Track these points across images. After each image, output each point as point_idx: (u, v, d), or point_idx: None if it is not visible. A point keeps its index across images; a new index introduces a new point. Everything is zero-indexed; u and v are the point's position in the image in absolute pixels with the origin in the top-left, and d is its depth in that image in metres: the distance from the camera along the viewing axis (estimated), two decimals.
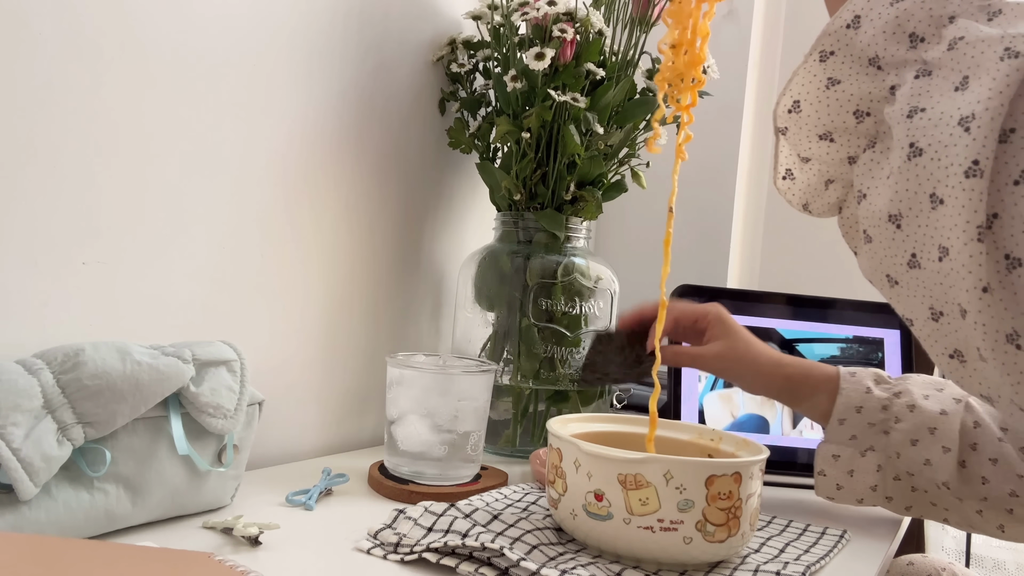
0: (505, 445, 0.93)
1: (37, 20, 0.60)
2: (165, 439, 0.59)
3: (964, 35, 0.39)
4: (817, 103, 0.45)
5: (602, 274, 0.95)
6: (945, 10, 0.41)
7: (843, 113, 0.45)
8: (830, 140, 0.46)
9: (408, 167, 0.97)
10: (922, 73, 0.40)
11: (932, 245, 0.38)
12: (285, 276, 0.82)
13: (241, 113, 0.76)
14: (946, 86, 0.39)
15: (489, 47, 0.97)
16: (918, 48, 0.41)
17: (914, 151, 0.39)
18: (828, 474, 0.74)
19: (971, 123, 0.36)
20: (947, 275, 0.38)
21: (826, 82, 0.45)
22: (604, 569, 0.57)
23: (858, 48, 0.43)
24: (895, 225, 0.40)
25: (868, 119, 0.44)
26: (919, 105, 0.39)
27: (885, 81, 0.43)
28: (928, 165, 0.38)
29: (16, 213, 0.60)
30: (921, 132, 0.38)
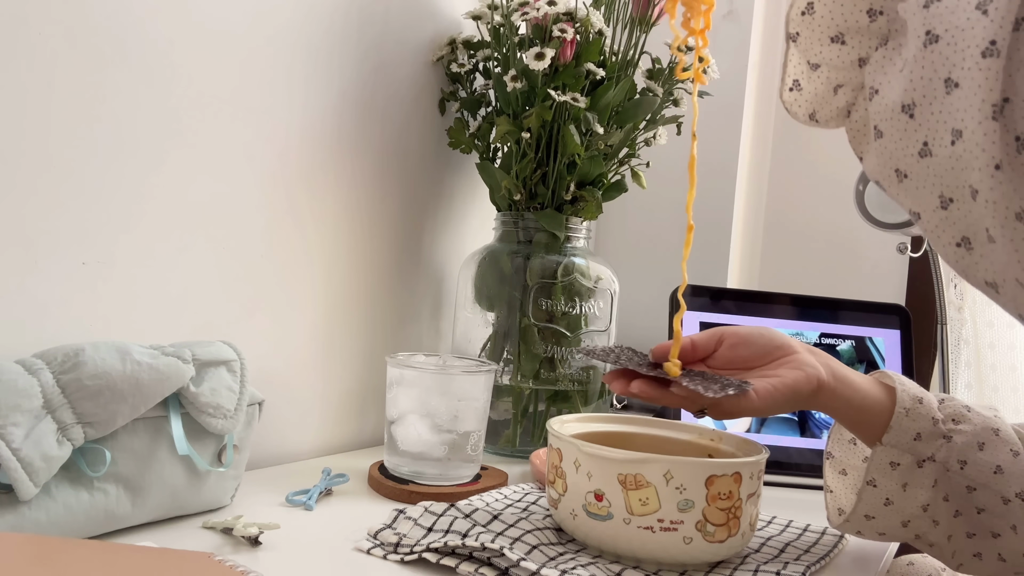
0: (505, 445, 0.93)
1: (37, 20, 0.60)
2: (165, 439, 0.59)
3: None
4: (831, 3, 0.46)
5: (602, 274, 0.95)
6: None
7: (856, 12, 0.45)
8: (841, 42, 0.46)
9: (408, 167, 0.97)
10: None
11: (945, 130, 0.38)
12: (285, 276, 0.82)
13: (241, 113, 0.76)
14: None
15: (489, 47, 0.97)
16: None
17: (930, 38, 0.39)
18: (880, 485, 0.63)
19: (988, 5, 0.36)
20: (959, 158, 0.38)
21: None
22: (604, 569, 0.57)
23: None
24: (908, 115, 0.40)
25: (881, 17, 0.44)
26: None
27: None
28: (944, 50, 0.38)
29: (16, 213, 0.60)
30: (937, 19, 0.39)
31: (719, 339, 0.66)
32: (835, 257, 1.40)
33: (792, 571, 0.59)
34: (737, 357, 0.65)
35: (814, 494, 0.87)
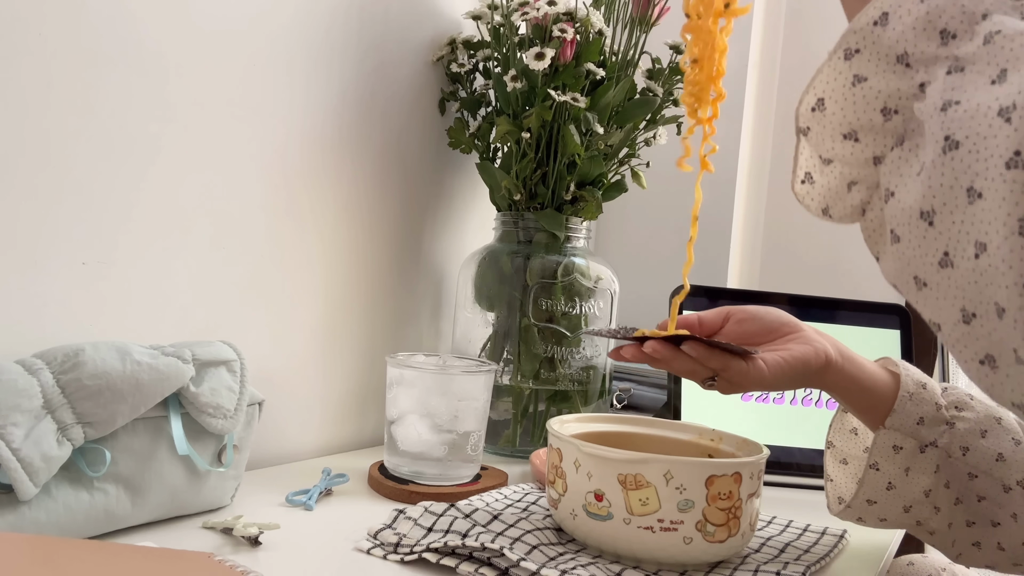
0: (505, 445, 0.93)
1: (37, 20, 0.60)
2: (165, 439, 0.59)
3: (1001, 29, 0.38)
4: (842, 100, 0.44)
5: (602, 274, 0.95)
6: (978, 7, 0.40)
7: (870, 111, 0.43)
8: (855, 139, 0.44)
9: (408, 167, 0.97)
10: (954, 69, 0.39)
11: (968, 242, 0.36)
12: (285, 276, 0.82)
13: (241, 113, 0.76)
14: (981, 80, 0.37)
15: (489, 47, 0.97)
16: (949, 45, 0.40)
17: (950, 144, 0.37)
18: (883, 468, 0.63)
19: (1012, 113, 0.34)
20: (983, 272, 0.36)
21: (852, 79, 0.43)
22: (604, 569, 0.57)
23: (886, 45, 0.42)
24: (927, 222, 0.38)
25: (896, 117, 0.43)
26: (953, 99, 0.38)
27: (914, 79, 0.41)
28: (965, 158, 0.36)
29: (16, 213, 0.60)
30: (957, 125, 0.37)
31: (726, 316, 0.67)
32: (835, 257, 1.40)
33: (792, 571, 0.59)
34: (745, 332, 0.66)
35: (814, 494, 0.87)
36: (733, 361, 0.60)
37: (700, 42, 0.59)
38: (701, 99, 0.60)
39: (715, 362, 0.60)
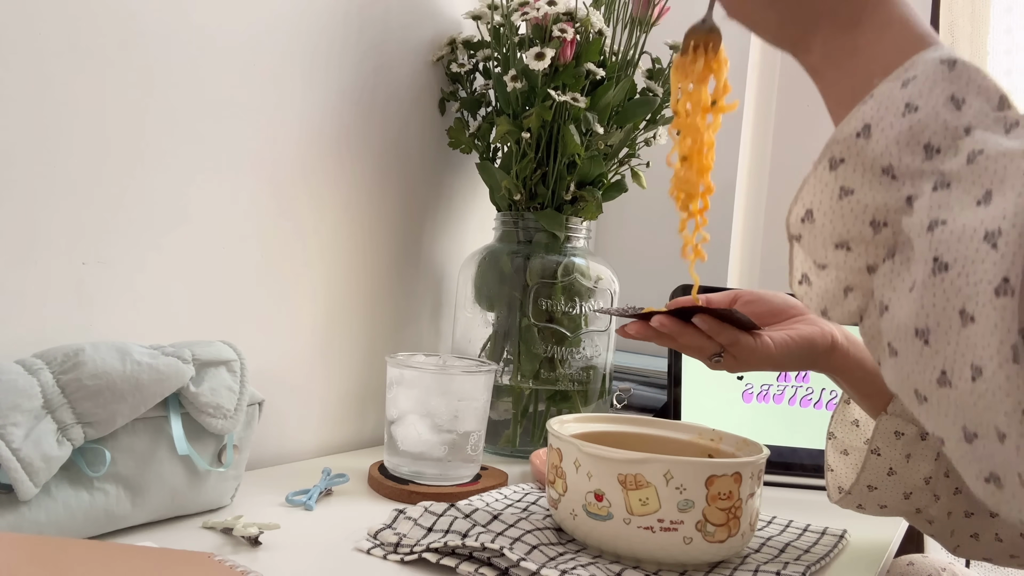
0: (505, 445, 0.93)
1: (37, 20, 0.60)
2: (165, 439, 0.59)
3: (984, 148, 0.38)
4: (831, 213, 0.43)
5: (602, 274, 0.95)
6: (960, 121, 0.40)
7: (859, 223, 0.43)
8: (847, 249, 0.44)
9: (408, 167, 0.97)
10: (940, 185, 0.39)
11: (964, 363, 0.36)
12: (285, 276, 0.82)
13: (241, 113, 0.76)
14: (967, 199, 0.37)
15: (489, 47, 0.97)
16: (934, 159, 0.40)
17: (939, 266, 0.37)
18: (884, 454, 0.64)
19: (998, 239, 0.35)
20: (982, 395, 0.36)
21: (838, 192, 0.43)
22: (604, 569, 0.57)
23: (870, 157, 0.42)
24: (923, 341, 0.38)
25: (885, 229, 0.42)
26: (940, 218, 0.38)
27: (901, 191, 0.41)
28: (955, 281, 0.36)
29: (16, 213, 0.60)
30: (945, 246, 0.37)
31: (734, 297, 0.69)
32: None
33: (792, 571, 0.59)
34: (752, 313, 0.67)
35: (814, 494, 0.87)
36: (741, 336, 0.61)
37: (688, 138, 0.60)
38: (691, 195, 0.61)
39: (724, 336, 0.60)
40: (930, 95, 0.40)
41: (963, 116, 0.40)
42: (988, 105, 0.40)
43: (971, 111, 0.40)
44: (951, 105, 0.40)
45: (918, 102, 0.40)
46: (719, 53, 0.59)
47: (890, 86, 0.42)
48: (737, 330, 0.61)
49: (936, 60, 0.41)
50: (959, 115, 0.40)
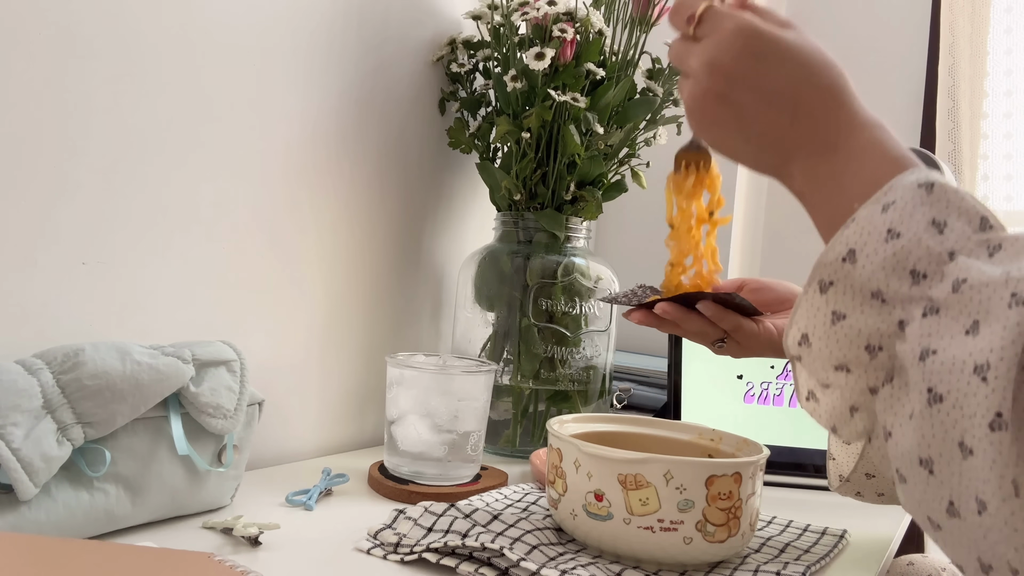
0: (505, 445, 0.93)
1: (37, 20, 0.60)
2: (165, 439, 0.59)
3: (967, 277, 0.38)
4: (826, 338, 0.44)
5: (602, 274, 0.95)
6: (943, 246, 0.40)
7: (854, 348, 0.43)
8: (847, 371, 0.44)
9: (408, 167, 0.97)
10: (929, 311, 0.40)
11: (969, 496, 0.37)
12: (285, 276, 0.82)
13: (241, 113, 0.76)
14: (956, 328, 0.38)
15: (489, 47, 0.97)
16: (921, 284, 0.40)
17: (933, 396, 0.38)
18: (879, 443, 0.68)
19: (987, 373, 0.35)
20: (989, 530, 0.36)
21: (831, 316, 0.43)
22: (604, 569, 0.57)
23: (858, 281, 0.42)
24: (927, 470, 0.39)
25: (881, 353, 0.43)
26: (931, 347, 0.39)
27: (892, 315, 0.41)
28: (951, 412, 0.37)
29: (16, 213, 0.60)
30: (938, 377, 0.38)
31: (740, 285, 0.69)
32: None
33: (792, 571, 0.59)
34: (758, 301, 0.67)
35: (814, 494, 0.87)
36: (744, 323, 0.61)
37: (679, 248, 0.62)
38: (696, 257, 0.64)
39: (728, 322, 0.61)
40: (911, 220, 0.41)
41: (946, 240, 0.40)
42: (969, 227, 0.41)
43: (953, 235, 0.41)
44: (933, 229, 0.41)
45: (900, 228, 0.41)
46: (711, 169, 0.61)
47: (870, 210, 0.42)
48: (740, 316, 0.61)
49: (914, 184, 0.42)
50: (942, 239, 0.41)
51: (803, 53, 0.49)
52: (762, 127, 0.49)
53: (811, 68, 0.48)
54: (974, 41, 1.34)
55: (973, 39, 1.34)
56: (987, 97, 1.35)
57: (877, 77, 1.42)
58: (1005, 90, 1.35)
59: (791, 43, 0.49)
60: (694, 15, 0.51)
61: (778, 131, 0.49)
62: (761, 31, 0.49)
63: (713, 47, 0.49)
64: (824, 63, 0.49)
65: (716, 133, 0.51)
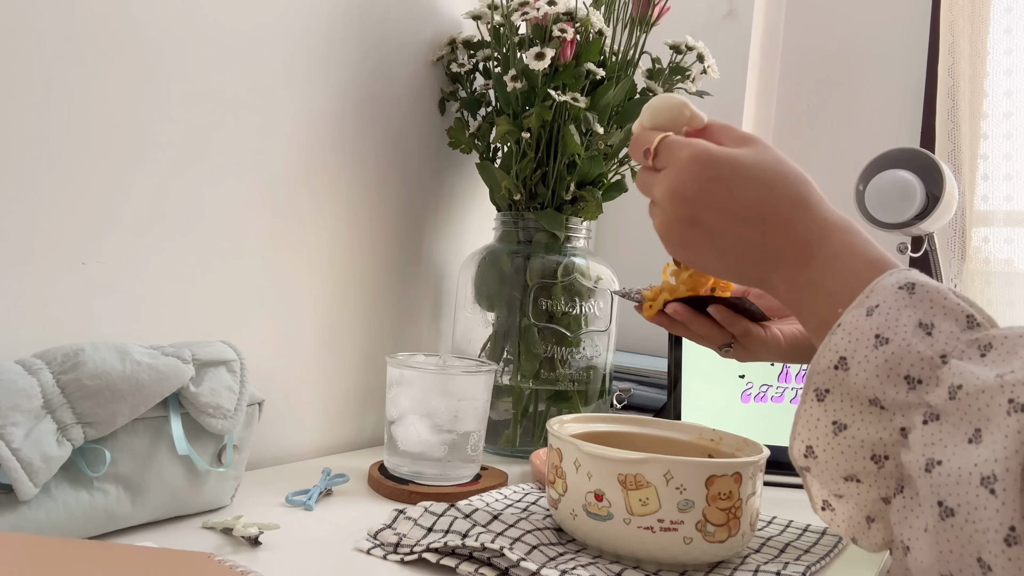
0: (505, 445, 0.93)
1: (37, 20, 0.60)
2: (165, 439, 0.59)
3: (962, 383, 0.38)
4: (831, 449, 0.43)
5: (602, 274, 0.95)
6: (934, 349, 0.40)
7: (860, 459, 0.43)
8: (857, 481, 0.44)
9: (408, 167, 0.97)
10: (930, 417, 0.39)
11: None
12: (285, 276, 0.82)
13: (241, 113, 0.76)
14: (959, 435, 0.38)
15: (489, 47, 0.97)
16: (918, 390, 0.40)
17: (945, 511, 0.37)
18: None
19: (994, 485, 0.35)
20: None
21: (832, 427, 0.43)
22: (604, 569, 0.57)
23: (854, 389, 0.42)
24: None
25: (888, 462, 0.42)
26: (935, 457, 0.38)
27: (893, 422, 0.41)
28: (965, 527, 0.36)
29: (16, 213, 0.60)
30: (946, 490, 0.37)
31: (746, 289, 0.69)
32: None
33: (792, 571, 0.59)
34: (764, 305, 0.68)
35: None
36: (753, 328, 0.61)
37: None
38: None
39: (737, 327, 0.61)
40: (897, 324, 0.41)
41: (935, 343, 0.40)
42: (957, 327, 0.41)
43: (942, 336, 0.41)
44: (921, 332, 0.41)
45: (887, 333, 0.41)
46: None
47: (855, 314, 0.42)
48: (749, 321, 0.61)
49: (895, 286, 0.42)
50: (931, 342, 0.40)
51: (761, 169, 0.49)
52: (734, 244, 0.50)
53: (772, 182, 0.49)
54: (974, 41, 1.34)
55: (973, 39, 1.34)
56: (987, 97, 1.35)
57: (877, 77, 1.42)
58: (1005, 90, 1.35)
59: (748, 161, 0.49)
60: (650, 149, 0.52)
61: (751, 246, 0.49)
62: (716, 155, 0.49)
63: (673, 177, 0.50)
64: (784, 175, 0.49)
65: (691, 254, 0.52)
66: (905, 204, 1.02)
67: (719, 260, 0.51)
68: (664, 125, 0.53)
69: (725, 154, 0.49)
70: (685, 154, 0.50)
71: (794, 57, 1.45)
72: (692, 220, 0.50)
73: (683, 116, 0.53)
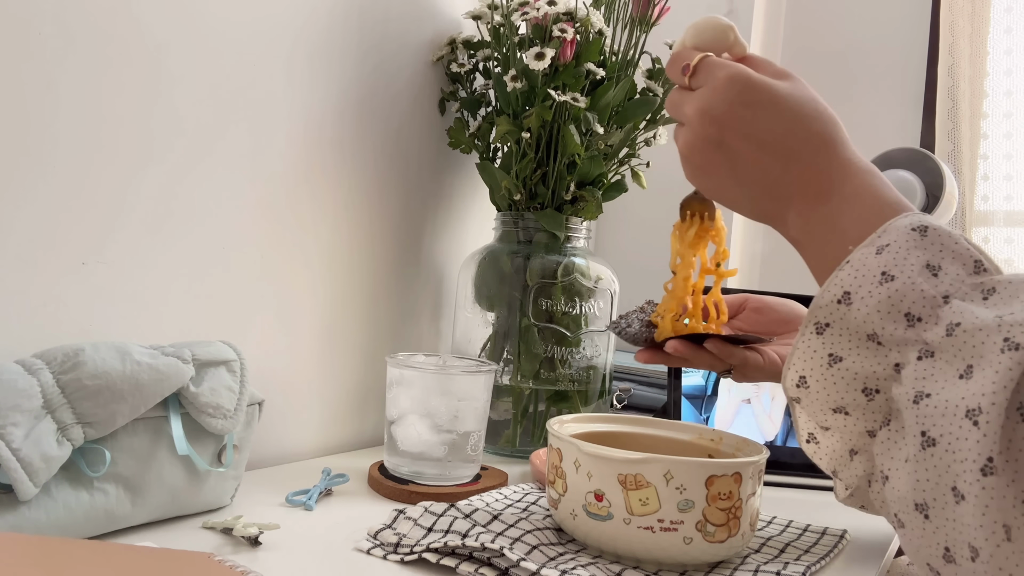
0: (505, 445, 0.93)
1: (37, 20, 0.60)
2: (165, 439, 0.59)
3: (961, 321, 0.38)
4: (823, 380, 0.44)
5: (602, 274, 0.95)
6: (937, 290, 0.40)
7: (851, 391, 0.43)
8: (845, 413, 0.44)
9: (408, 167, 0.97)
10: (924, 354, 0.40)
11: (962, 543, 0.37)
12: (285, 276, 0.82)
13: (241, 113, 0.76)
14: (950, 371, 0.38)
15: (489, 47, 0.97)
16: (916, 327, 0.40)
17: (927, 440, 0.38)
18: None
19: (979, 417, 0.35)
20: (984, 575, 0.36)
21: (828, 359, 0.44)
22: (604, 569, 0.57)
23: (854, 324, 0.42)
24: (923, 515, 0.38)
25: (878, 396, 0.43)
26: (924, 390, 0.39)
27: (888, 357, 0.42)
28: (944, 457, 0.37)
29: (16, 213, 0.60)
30: (931, 421, 0.38)
31: (743, 302, 0.69)
32: None
33: (792, 571, 0.59)
34: (760, 321, 0.68)
35: (814, 494, 0.87)
36: (750, 356, 0.62)
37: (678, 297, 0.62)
38: None
39: (736, 358, 0.61)
40: (905, 263, 0.41)
41: (940, 284, 0.41)
42: (964, 270, 0.41)
43: (947, 278, 0.41)
44: (927, 272, 0.41)
45: (894, 271, 0.41)
46: (716, 221, 0.62)
47: (864, 252, 0.42)
48: (746, 351, 0.62)
49: (908, 227, 0.42)
50: (936, 282, 0.41)
51: (796, 102, 0.49)
52: (755, 174, 0.49)
53: (803, 117, 0.49)
54: (974, 41, 1.35)
55: (973, 39, 1.34)
56: (987, 97, 1.35)
57: (877, 77, 1.42)
58: (1005, 90, 1.35)
59: (784, 92, 0.49)
60: (689, 65, 0.52)
61: (771, 178, 0.49)
62: (754, 80, 0.49)
63: (707, 96, 0.50)
64: (816, 112, 0.49)
65: (710, 179, 0.52)
66: None
67: (737, 188, 0.51)
68: (706, 46, 0.53)
69: (762, 82, 0.49)
70: (723, 74, 0.50)
71: (794, 57, 1.45)
72: (719, 143, 0.50)
73: (727, 39, 0.53)
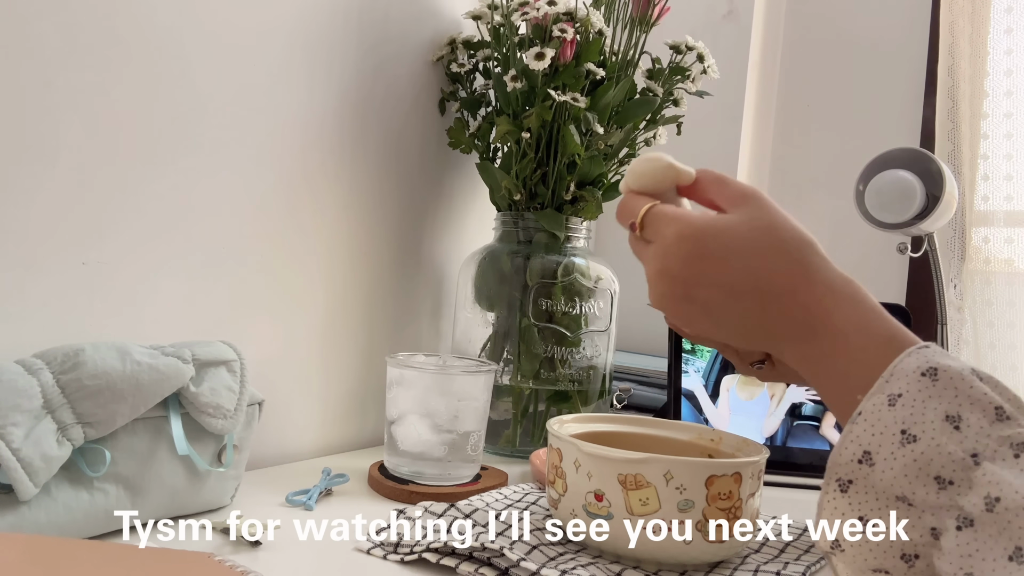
0: (505, 445, 0.93)
1: (37, 20, 0.60)
2: (165, 439, 0.59)
3: (1000, 496, 0.37)
4: (858, 545, 0.41)
5: (602, 274, 0.95)
6: (964, 447, 0.38)
7: (890, 558, 0.41)
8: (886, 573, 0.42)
9: (408, 167, 0.97)
10: (964, 523, 0.38)
11: None
12: (285, 276, 0.82)
13: (242, 113, 0.76)
14: (997, 550, 0.36)
15: (489, 47, 0.97)
16: (948, 491, 0.38)
17: None
18: None
19: None
20: None
21: (860, 524, 0.41)
22: (604, 569, 0.57)
23: (880, 485, 0.40)
24: None
25: (919, 562, 0.40)
26: (974, 571, 0.37)
27: (922, 519, 0.39)
28: None
29: (16, 213, 0.60)
30: None
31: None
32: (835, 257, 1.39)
33: (792, 571, 0.59)
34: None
35: (814, 494, 0.87)
36: None
37: None
38: None
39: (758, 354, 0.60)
40: (923, 418, 0.39)
41: (965, 440, 0.39)
42: (986, 419, 0.39)
43: (971, 431, 0.39)
44: (948, 427, 0.39)
45: (914, 429, 0.39)
46: None
47: (876, 402, 0.41)
48: None
49: (917, 371, 0.40)
50: (960, 438, 0.39)
51: (754, 240, 0.47)
52: (733, 318, 0.48)
53: (767, 252, 0.47)
54: (974, 41, 1.34)
55: (973, 39, 1.34)
56: (987, 97, 1.35)
57: (877, 77, 1.42)
58: (1005, 90, 1.35)
59: (739, 234, 0.47)
60: (635, 223, 0.50)
61: (751, 318, 0.47)
62: (704, 232, 0.47)
63: (660, 255, 0.48)
64: (781, 242, 0.47)
65: (691, 327, 0.50)
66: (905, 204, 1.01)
67: (720, 332, 0.49)
68: (649, 189, 0.51)
69: (713, 228, 0.47)
70: (671, 232, 0.48)
71: (794, 57, 1.45)
72: (686, 297, 0.48)
73: (668, 178, 0.51)
